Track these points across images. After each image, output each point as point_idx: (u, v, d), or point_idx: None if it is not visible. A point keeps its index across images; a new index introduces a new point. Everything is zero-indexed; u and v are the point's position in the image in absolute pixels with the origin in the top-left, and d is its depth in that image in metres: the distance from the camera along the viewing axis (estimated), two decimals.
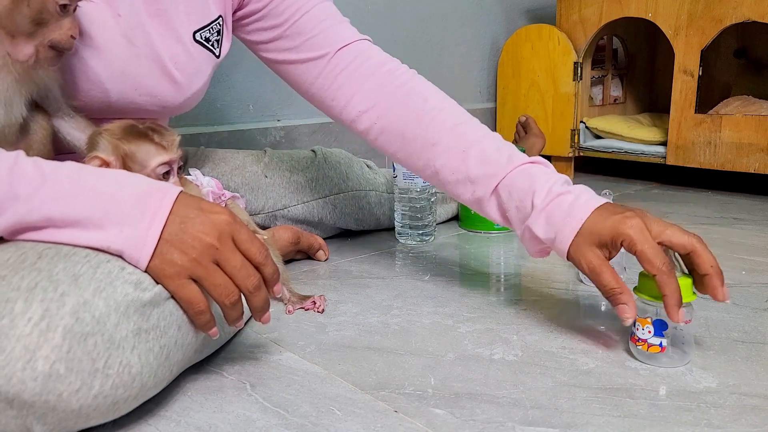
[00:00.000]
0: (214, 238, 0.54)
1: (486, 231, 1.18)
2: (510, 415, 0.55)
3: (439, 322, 0.76)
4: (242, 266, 0.55)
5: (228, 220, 0.55)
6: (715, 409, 0.55)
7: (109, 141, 0.62)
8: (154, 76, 0.74)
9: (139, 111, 0.75)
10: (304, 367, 0.65)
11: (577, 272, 0.91)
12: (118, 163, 0.62)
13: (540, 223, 0.68)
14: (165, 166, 0.63)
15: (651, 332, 0.62)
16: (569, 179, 0.71)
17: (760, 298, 0.81)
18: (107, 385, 0.49)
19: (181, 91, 0.77)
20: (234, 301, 0.55)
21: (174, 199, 0.54)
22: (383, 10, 1.57)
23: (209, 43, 0.78)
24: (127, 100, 0.73)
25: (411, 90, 0.80)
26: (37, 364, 0.46)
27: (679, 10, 1.42)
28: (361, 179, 1.12)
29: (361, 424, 0.54)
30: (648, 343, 0.63)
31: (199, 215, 0.54)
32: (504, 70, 1.79)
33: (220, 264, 0.54)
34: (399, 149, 0.80)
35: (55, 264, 0.50)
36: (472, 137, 0.75)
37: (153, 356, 0.52)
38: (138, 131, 0.63)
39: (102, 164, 0.62)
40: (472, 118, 0.78)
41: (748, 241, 1.06)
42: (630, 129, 1.62)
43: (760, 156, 1.33)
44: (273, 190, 1.06)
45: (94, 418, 0.50)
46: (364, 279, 0.93)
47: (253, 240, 0.56)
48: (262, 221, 1.06)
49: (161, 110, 0.77)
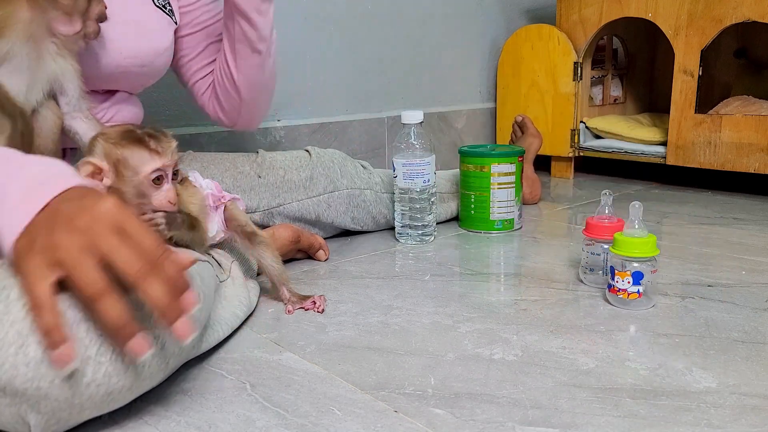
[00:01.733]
0: (89, 224, 0.48)
1: (486, 231, 1.18)
2: (510, 415, 0.55)
3: (439, 322, 0.76)
4: (126, 252, 0.47)
5: (112, 209, 0.49)
6: (715, 409, 0.55)
7: (103, 146, 0.62)
8: (131, 38, 0.82)
9: (126, 74, 0.83)
10: (304, 367, 0.65)
11: (577, 272, 0.91)
12: (111, 168, 0.62)
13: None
14: (158, 171, 0.63)
15: (630, 282, 0.77)
16: None
17: (760, 298, 0.81)
18: (100, 372, 0.49)
19: (155, 47, 0.86)
20: (100, 291, 0.47)
21: (62, 190, 0.51)
22: (383, 10, 1.57)
23: (165, 10, 0.89)
24: (115, 63, 0.81)
25: None
26: (29, 350, 0.47)
27: (679, 10, 1.42)
28: (356, 178, 1.12)
29: (361, 424, 0.54)
30: (628, 292, 0.77)
31: (79, 203, 0.49)
32: (504, 70, 1.79)
33: (97, 254, 0.47)
34: None
35: None
36: None
37: None
38: (134, 137, 0.63)
39: (94, 169, 0.61)
40: None
41: (748, 241, 1.07)
42: (630, 129, 1.62)
43: (760, 156, 1.33)
44: (267, 190, 1.06)
45: (89, 408, 0.50)
46: (364, 279, 0.93)
47: (145, 232, 0.49)
48: (260, 219, 1.06)
49: (142, 71, 0.85)
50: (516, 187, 1.17)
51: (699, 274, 0.91)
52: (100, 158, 0.62)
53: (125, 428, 0.55)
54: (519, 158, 1.17)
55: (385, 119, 1.59)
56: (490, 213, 1.17)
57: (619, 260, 0.77)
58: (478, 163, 1.16)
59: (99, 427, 0.55)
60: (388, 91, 1.63)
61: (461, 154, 1.20)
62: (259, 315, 0.80)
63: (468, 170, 1.18)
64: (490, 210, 1.17)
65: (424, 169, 1.08)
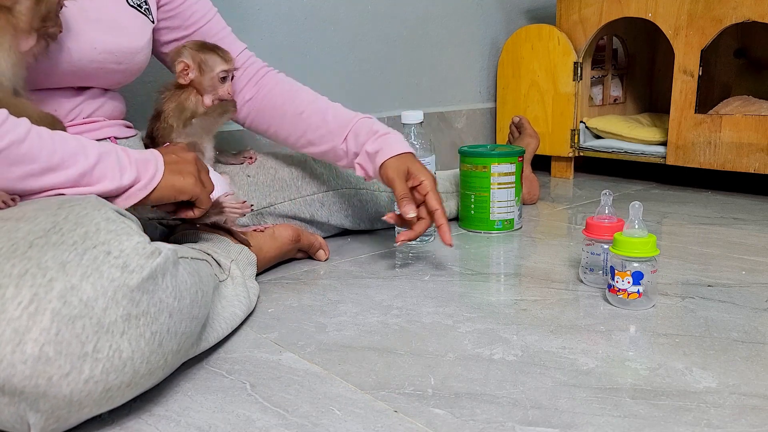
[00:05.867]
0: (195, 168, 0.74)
1: (486, 231, 1.18)
2: (510, 415, 0.55)
3: (439, 322, 0.76)
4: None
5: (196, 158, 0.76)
6: (715, 409, 0.55)
7: (189, 52, 0.91)
8: (105, 33, 0.81)
9: (102, 71, 0.81)
10: (304, 367, 0.65)
11: (577, 272, 0.91)
12: (195, 66, 0.91)
13: (371, 144, 0.95)
14: (224, 72, 0.92)
15: (630, 282, 0.77)
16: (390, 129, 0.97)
17: (760, 298, 0.81)
18: (97, 369, 0.49)
19: (132, 44, 0.84)
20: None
21: (163, 158, 0.72)
22: (383, 10, 1.57)
23: (141, 9, 0.87)
24: (88, 58, 0.79)
25: (280, 80, 1.04)
26: (26, 347, 0.47)
27: (679, 10, 1.42)
28: (351, 177, 1.12)
29: (361, 424, 0.54)
30: (627, 292, 0.77)
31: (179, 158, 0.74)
32: (504, 70, 1.79)
33: None
34: (272, 123, 1.03)
35: (44, 252, 0.51)
36: (326, 104, 1.01)
37: (144, 342, 0.53)
38: (209, 47, 0.92)
39: (185, 66, 0.90)
40: (321, 96, 1.03)
41: (748, 241, 1.07)
42: (630, 129, 1.62)
43: (760, 156, 1.33)
44: (257, 189, 1.05)
45: (88, 406, 0.50)
46: (364, 279, 0.93)
47: None
48: (249, 220, 1.03)
49: (119, 68, 0.83)
50: (516, 187, 1.17)
51: (699, 274, 0.91)
52: (188, 59, 0.91)
53: (125, 428, 0.55)
54: (519, 158, 1.17)
55: (385, 119, 1.59)
56: (490, 213, 1.17)
57: (619, 260, 0.77)
58: (478, 163, 1.16)
59: (99, 427, 0.55)
60: (387, 91, 1.63)
61: (461, 154, 1.20)
62: (259, 315, 0.80)
63: (468, 170, 1.18)
64: (490, 210, 1.17)
65: None
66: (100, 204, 0.58)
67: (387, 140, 0.94)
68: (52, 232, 0.53)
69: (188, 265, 0.63)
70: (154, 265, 0.54)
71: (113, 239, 0.54)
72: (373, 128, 0.96)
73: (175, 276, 0.57)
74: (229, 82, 0.94)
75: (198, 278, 0.63)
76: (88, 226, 0.55)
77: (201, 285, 0.63)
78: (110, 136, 0.85)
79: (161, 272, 0.55)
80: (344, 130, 0.98)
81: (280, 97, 1.02)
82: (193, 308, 0.60)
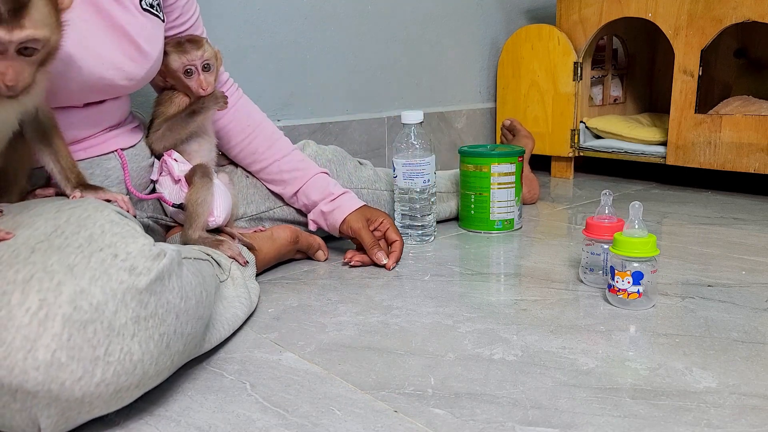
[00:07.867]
0: None
1: (486, 231, 1.18)
2: (510, 415, 0.55)
3: (439, 322, 0.76)
4: None
5: None
6: (715, 409, 0.55)
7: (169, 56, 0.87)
8: (116, 47, 0.77)
9: (111, 87, 0.78)
10: (304, 367, 0.65)
11: (577, 272, 0.91)
12: (163, 67, 0.86)
13: (327, 206, 1.00)
14: (183, 66, 0.86)
15: (630, 282, 0.77)
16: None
17: (760, 298, 0.81)
18: (109, 372, 0.50)
19: (145, 59, 0.80)
20: None
21: None
22: (383, 10, 1.57)
23: (154, 9, 0.83)
24: (96, 75, 0.75)
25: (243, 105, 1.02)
26: (38, 354, 0.47)
27: (679, 10, 1.42)
28: (353, 177, 1.11)
29: (361, 424, 0.54)
30: (628, 292, 0.78)
31: None
32: (504, 70, 1.79)
33: None
34: (238, 145, 1.01)
35: (48, 257, 0.51)
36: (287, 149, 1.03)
37: (153, 344, 0.53)
38: (172, 43, 0.87)
39: (161, 70, 0.86)
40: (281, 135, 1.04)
41: (748, 241, 1.07)
42: (630, 129, 1.62)
43: (760, 156, 1.33)
44: (256, 191, 1.02)
45: (98, 407, 0.50)
46: (364, 279, 0.93)
47: None
48: (247, 224, 1.01)
49: (129, 83, 0.80)
50: (516, 187, 1.17)
51: (699, 274, 0.91)
52: None
53: (126, 428, 0.55)
54: (519, 158, 1.17)
55: (385, 119, 1.59)
56: (490, 213, 1.17)
57: (619, 260, 0.77)
58: (478, 163, 1.16)
59: (99, 427, 0.55)
60: (388, 91, 1.63)
61: (461, 154, 1.20)
62: (259, 315, 0.80)
63: (468, 170, 1.18)
64: (490, 210, 1.17)
65: (424, 169, 1.08)
66: (101, 206, 0.58)
67: (342, 200, 1.00)
68: (54, 235, 0.53)
69: (191, 265, 0.63)
70: (160, 266, 0.54)
71: (119, 242, 0.54)
72: (328, 189, 1.01)
73: (180, 277, 0.57)
74: (198, 76, 0.86)
75: (201, 278, 0.63)
76: (92, 228, 0.54)
77: (205, 285, 0.64)
78: (116, 149, 0.83)
79: (168, 274, 0.55)
80: (298, 183, 1.01)
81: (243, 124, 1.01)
82: (199, 308, 0.60)
